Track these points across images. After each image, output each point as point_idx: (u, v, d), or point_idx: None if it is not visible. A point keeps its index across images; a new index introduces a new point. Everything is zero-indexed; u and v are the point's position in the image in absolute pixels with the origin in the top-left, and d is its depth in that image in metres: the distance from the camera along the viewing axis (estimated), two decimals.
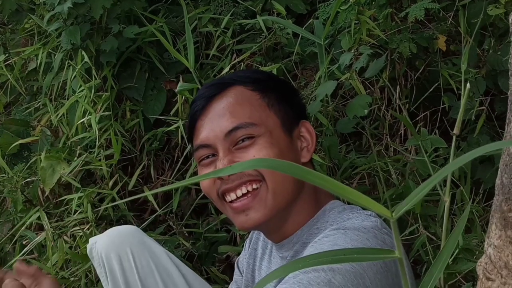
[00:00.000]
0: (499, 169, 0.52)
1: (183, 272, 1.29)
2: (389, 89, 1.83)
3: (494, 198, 0.53)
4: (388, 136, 1.89)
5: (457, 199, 1.56)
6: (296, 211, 1.06)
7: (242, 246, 1.33)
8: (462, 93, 0.99)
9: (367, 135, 1.85)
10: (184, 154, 2.02)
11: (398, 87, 1.83)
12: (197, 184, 2.06)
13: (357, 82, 1.57)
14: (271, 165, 0.47)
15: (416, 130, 1.83)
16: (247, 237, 1.27)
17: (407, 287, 0.55)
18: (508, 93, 0.53)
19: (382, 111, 1.89)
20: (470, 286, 0.99)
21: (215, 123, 1.05)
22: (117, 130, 1.81)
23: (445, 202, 1.02)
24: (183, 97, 1.69)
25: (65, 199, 1.75)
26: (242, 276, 1.26)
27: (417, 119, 1.86)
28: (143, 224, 1.76)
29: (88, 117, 1.69)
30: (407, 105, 1.85)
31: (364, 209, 1.06)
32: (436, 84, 1.81)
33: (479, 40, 1.84)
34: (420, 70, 1.88)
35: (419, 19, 1.53)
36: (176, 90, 1.34)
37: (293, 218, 1.07)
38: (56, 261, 1.61)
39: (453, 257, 1.08)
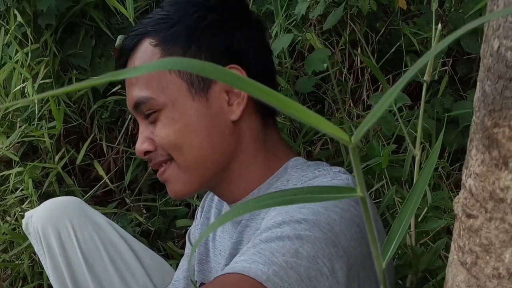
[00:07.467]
0: (478, 80, 0.43)
1: (132, 245, 1.17)
2: (350, 51, 1.75)
3: (473, 117, 0.44)
4: (351, 101, 1.82)
5: (422, 162, 1.50)
6: (239, 174, 0.95)
7: None
8: (433, 36, 0.91)
9: (329, 100, 1.77)
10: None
11: (359, 49, 1.76)
12: None
13: (315, 39, 1.47)
14: (165, 65, 0.37)
15: (380, 91, 1.76)
16: (199, 205, 1.17)
17: (370, 227, 0.45)
18: None
19: (344, 75, 1.81)
20: (446, 240, 0.91)
21: (128, 93, 0.97)
22: (61, 100, 1.67)
23: (416, 155, 0.93)
24: None
25: (4, 175, 1.61)
26: None
27: (379, 83, 1.79)
28: (87, 195, 1.64)
29: (25, 83, 1.54)
30: (369, 68, 1.77)
31: (330, 165, 0.95)
32: (397, 45, 1.75)
33: (439, 1, 1.78)
34: (381, 32, 1.81)
35: None
36: (115, 45, 1.21)
37: (239, 180, 0.96)
38: None
39: (422, 215, 1.01)
